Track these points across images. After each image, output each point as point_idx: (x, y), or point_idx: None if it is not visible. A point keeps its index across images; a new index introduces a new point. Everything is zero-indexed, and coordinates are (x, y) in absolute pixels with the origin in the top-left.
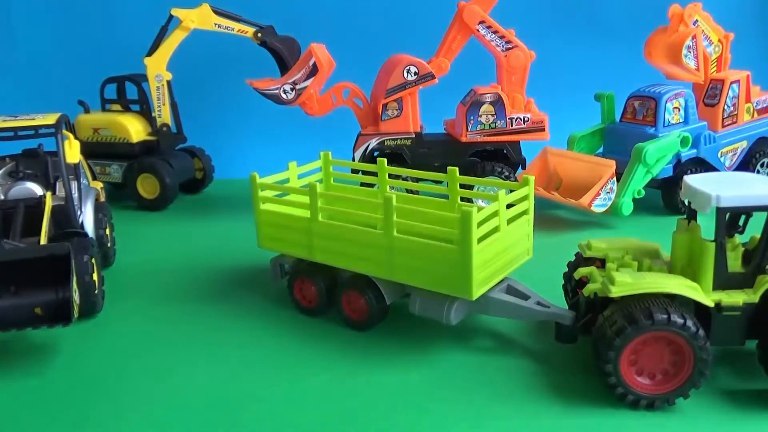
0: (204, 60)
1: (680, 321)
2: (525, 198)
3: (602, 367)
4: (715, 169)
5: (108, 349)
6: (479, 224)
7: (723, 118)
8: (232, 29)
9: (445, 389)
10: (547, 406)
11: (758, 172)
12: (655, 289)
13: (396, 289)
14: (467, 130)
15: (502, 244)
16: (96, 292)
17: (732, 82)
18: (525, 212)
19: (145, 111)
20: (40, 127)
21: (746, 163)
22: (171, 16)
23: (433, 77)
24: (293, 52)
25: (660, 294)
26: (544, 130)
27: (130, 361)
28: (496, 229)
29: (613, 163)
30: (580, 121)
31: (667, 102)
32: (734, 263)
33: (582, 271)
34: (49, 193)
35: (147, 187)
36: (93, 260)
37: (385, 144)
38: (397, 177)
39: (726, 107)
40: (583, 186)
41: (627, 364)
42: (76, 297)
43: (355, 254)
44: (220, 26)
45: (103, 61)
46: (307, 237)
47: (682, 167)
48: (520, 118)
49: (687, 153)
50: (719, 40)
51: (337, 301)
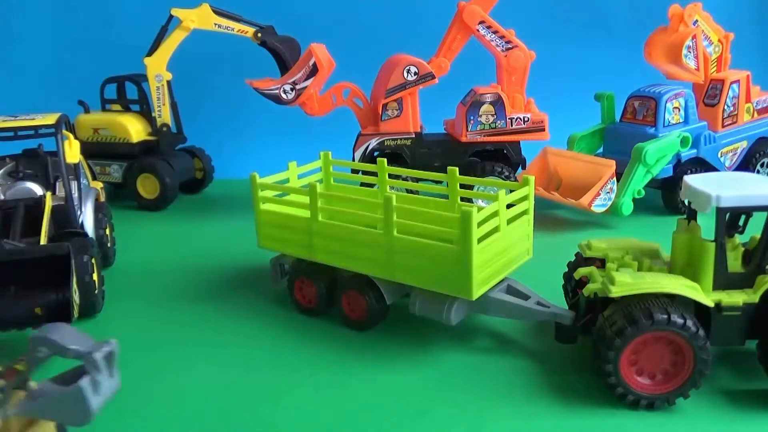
0: (204, 60)
1: (680, 321)
2: (525, 198)
3: (602, 367)
4: (715, 169)
5: None
6: (479, 224)
7: (723, 118)
8: (232, 29)
9: (444, 389)
10: (547, 406)
11: (758, 172)
12: (655, 289)
13: (396, 289)
14: (467, 130)
15: (502, 244)
16: (96, 292)
17: (732, 82)
18: (525, 212)
19: (145, 111)
20: (40, 127)
21: (746, 163)
22: (171, 16)
23: (433, 77)
24: (293, 52)
25: (660, 294)
26: (544, 130)
27: (130, 361)
28: (496, 229)
29: (613, 163)
30: (580, 121)
31: (667, 102)
32: (734, 263)
33: (582, 271)
34: (49, 193)
35: (147, 187)
36: (93, 260)
37: (385, 144)
38: (397, 177)
39: (726, 107)
40: (583, 186)
41: (627, 364)
42: (76, 297)
43: (355, 254)
44: (220, 26)
45: (103, 61)
46: (307, 237)
47: (682, 167)
48: (520, 118)
49: (687, 153)
50: (719, 40)
51: (337, 301)
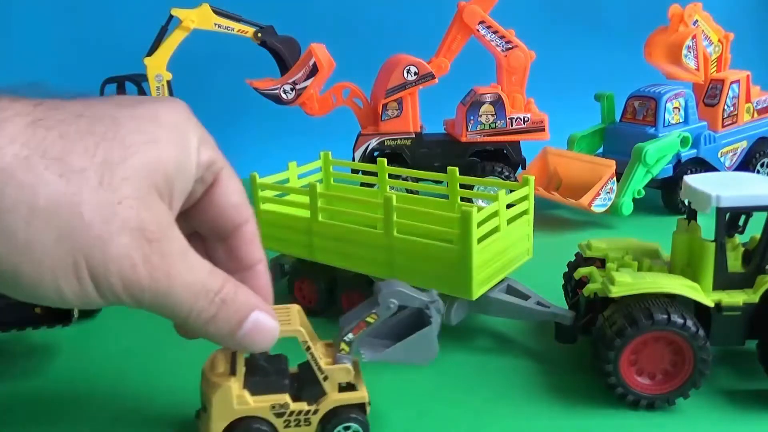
0: (204, 60)
1: (680, 321)
2: (525, 198)
3: (602, 367)
4: (715, 169)
5: (108, 349)
6: (479, 224)
7: (723, 118)
8: (232, 29)
9: (444, 389)
10: (547, 407)
11: (758, 172)
12: (655, 289)
13: None
14: (467, 130)
15: (502, 244)
16: None
17: (732, 82)
18: (525, 212)
19: None
20: None
21: (746, 163)
22: (171, 16)
23: (433, 77)
24: (293, 52)
25: (660, 294)
26: (544, 130)
27: (130, 361)
28: (496, 229)
29: (613, 163)
30: (580, 121)
31: (667, 102)
32: (734, 263)
33: (582, 271)
34: None
35: None
36: None
37: (385, 144)
38: (397, 177)
39: (726, 107)
40: (583, 186)
41: (627, 364)
42: None
43: (355, 254)
44: (220, 26)
45: (103, 61)
46: (307, 237)
47: (682, 167)
48: (520, 118)
49: (687, 153)
50: (719, 40)
51: (337, 301)
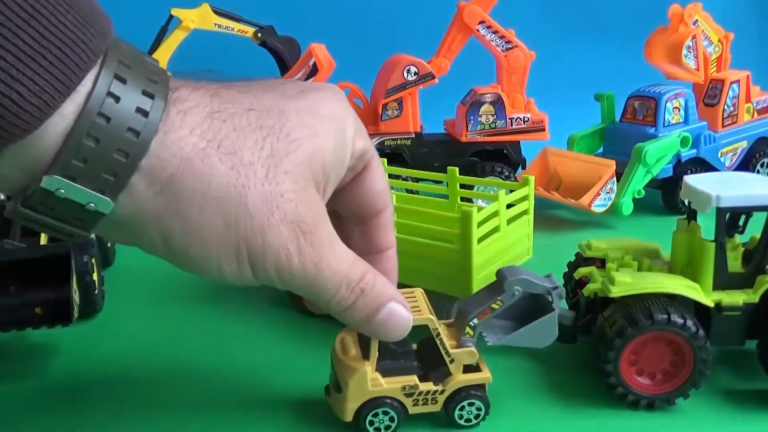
0: (204, 60)
1: (680, 321)
2: (525, 198)
3: (602, 367)
4: (715, 169)
5: (108, 349)
6: (479, 224)
7: (723, 118)
8: (232, 29)
9: None
10: (547, 407)
11: (758, 172)
12: (655, 289)
13: None
14: (467, 130)
15: (502, 244)
16: (96, 292)
17: (732, 82)
18: (525, 212)
19: None
20: None
21: (746, 163)
22: (171, 16)
23: (433, 77)
24: (293, 52)
25: (660, 294)
26: (544, 130)
27: (130, 362)
28: (496, 229)
29: (613, 163)
30: (580, 121)
31: (667, 102)
32: (734, 263)
33: (582, 271)
34: None
35: None
36: (93, 260)
37: (385, 144)
38: (397, 177)
39: (726, 107)
40: (583, 186)
41: (627, 364)
42: (76, 297)
43: None
44: (220, 26)
45: None
46: None
47: (682, 167)
48: (520, 118)
49: (687, 153)
50: (719, 40)
51: None
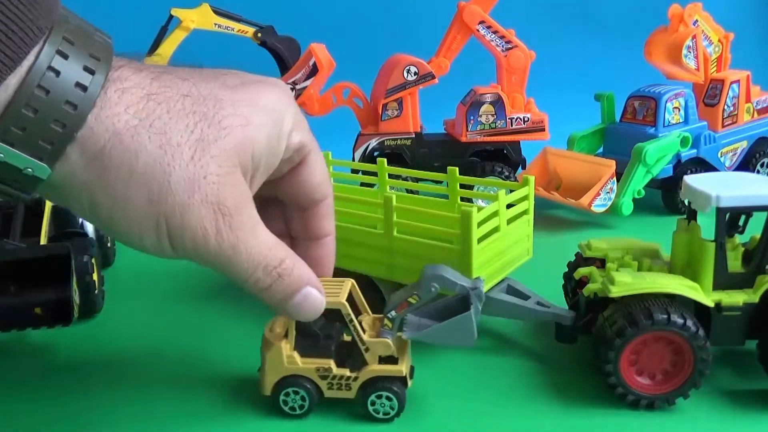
0: (204, 60)
1: (680, 321)
2: (525, 198)
3: (602, 367)
4: (715, 169)
5: (108, 349)
6: (479, 224)
7: (723, 118)
8: (232, 29)
9: (444, 389)
10: (547, 406)
11: (758, 172)
12: (655, 289)
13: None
14: (467, 130)
15: (502, 244)
16: (96, 292)
17: (732, 82)
18: (525, 212)
19: None
20: None
21: (746, 163)
22: (171, 16)
23: (433, 77)
24: (293, 52)
25: (660, 294)
26: (544, 130)
27: (130, 361)
28: (496, 229)
29: (613, 163)
30: (580, 121)
31: (667, 102)
32: (734, 263)
33: (582, 271)
34: None
35: None
36: (93, 260)
37: (385, 144)
38: (397, 177)
39: (726, 107)
40: (583, 186)
41: (627, 364)
42: (76, 297)
43: (355, 255)
44: (220, 26)
45: None
46: None
47: (682, 167)
48: (520, 118)
49: (687, 153)
50: (719, 40)
51: None
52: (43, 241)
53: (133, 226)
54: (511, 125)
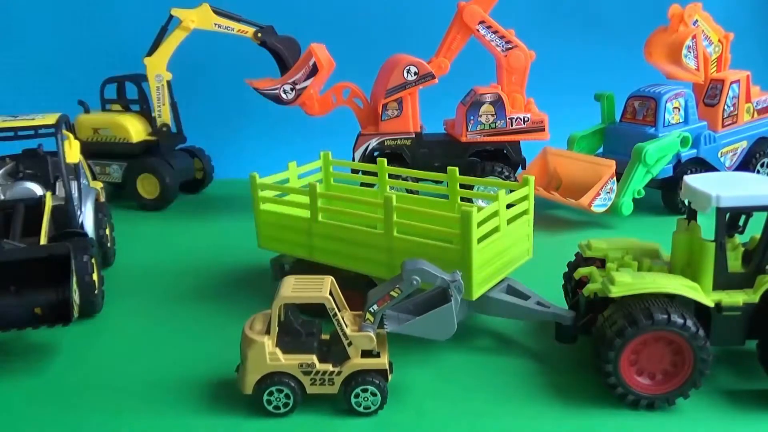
0: (204, 60)
1: (680, 321)
2: (525, 198)
3: (602, 367)
4: (715, 169)
5: (108, 349)
6: (479, 224)
7: (723, 118)
8: (232, 29)
9: (445, 389)
10: (547, 407)
11: (758, 172)
12: (655, 289)
13: None
14: (467, 130)
15: (502, 244)
16: (96, 292)
17: (732, 82)
18: (525, 212)
19: (145, 111)
20: (40, 127)
21: (746, 163)
22: (171, 16)
23: (433, 77)
24: (293, 52)
25: (660, 294)
26: (544, 130)
27: (130, 361)
28: (496, 229)
29: (613, 163)
30: (580, 121)
31: (667, 102)
32: (734, 263)
33: (582, 271)
34: (49, 193)
35: (147, 187)
36: (93, 260)
37: (385, 144)
38: (397, 177)
39: (726, 107)
40: (583, 186)
41: (627, 364)
42: (76, 297)
43: (356, 254)
44: (220, 26)
45: (103, 61)
46: (307, 237)
47: (682, 167)
48: (520, 118)
49: (687, 153)
50: (719, 40)
51: None
52: (43, 241)
53: None
54: (511, 125)
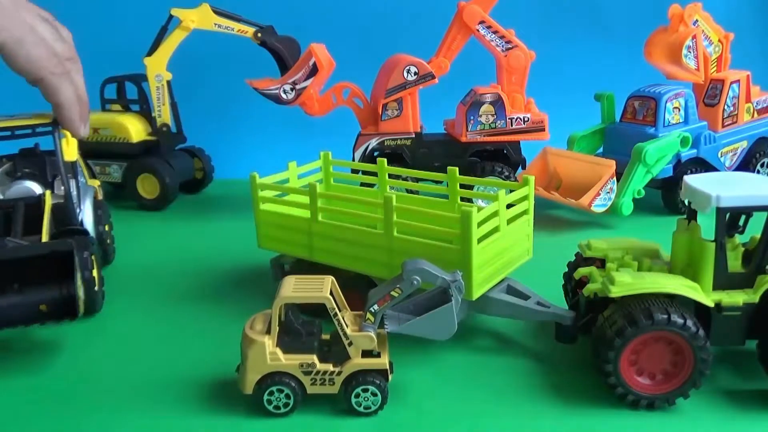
0: (204, 60)
1: (680, 321)
2: (525, 198)
3: (602, 367)
4: (715, 169)
5: (107, 349)
6: (479, 224)
7: (723, 118)
8: (232, 29)
9: (444, 389)
10: (547, 406)
11: (758, 172)
12: (655, 289)
13: None
14: (467, 130)
15: (502, 244)
16: (96, 288)
17: (732, 82)
18: (525, 212)
19: (145, 111)
20: (38, 125)
21: (746, 163)
22: (171, 16)
23: (433, 77)
24: (293, 52)
25: (660, 294)
26: (544, 130)
27: (129, 361)
28: (496, 229)
29: (613, 163)
30: (580, 121)
31: (667, 102)
32: (734, 263)
33: (582, 271)
34: (48, 192)
35: (147, 187)
36: (93, 257)
37: (385, 144)
38: (397, 177)
39: (726, 107)
40: (583, 186)
41: (627, 364)
42: (81, 292)
43: (356, 255)
44: (220, 26)
45: (103, 61)
46: (307, 237)
47: (682, 167)
48: (520, 118)
49: (687, 153)
50: (719, 40)
51: None
52: (45, 239)
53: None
54: (511, 125)
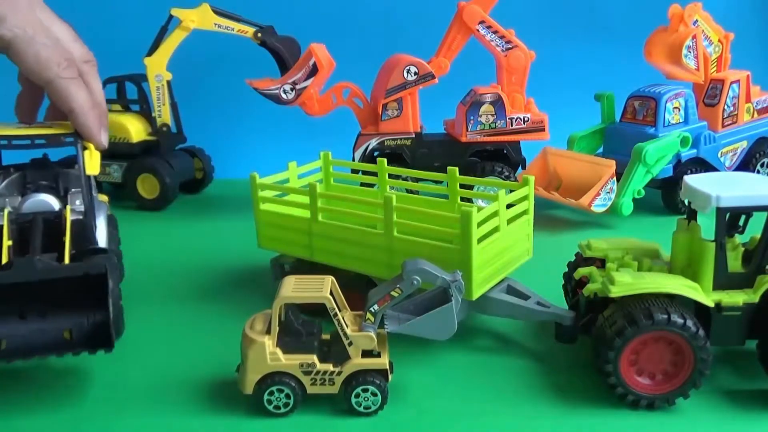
0: (204, 60)
1: (680, 321)
2: (525, 198)
3: (602, 367)
4: (715, 169)
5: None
6: (479, 224)
7: (723, 118)
8: (232, 29)
9: (444, 389)
10: (547, 406)
11: (758, 172)
12: (655, 289)
13: None
14: (467, 130)
15: (502, 244)
16: (120, 315)
17: (732, 82)
18: (525, 212)
19: (145, 111)
20: (60, 135)
21: (746, 163)
22: (171, 16)
23: (433, 77)
24: (293, 52)
25: (660, 294)
26: (544, 130)
27: (129, 361)
28: (496, 229)
29: (613, 163)
30: (580, 121)
31: (667, 102)
32: (734, 263)
33: (582, 271)
34: (69, 207)
35: (147, 187)
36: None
37: (385, 144)
38: (397, 177)
39: (726, 107)
40: (583, 186)
41: (627, 364)
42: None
43: (356, 254)
44: (220, 26)
45: (103, 61)
46: (307, 237)
47: (682, 167)
48: (520, 118)
49: (687, 153)
50: (719, 40)
51: None
52: (67, 259)
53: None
54: (511, 125)
